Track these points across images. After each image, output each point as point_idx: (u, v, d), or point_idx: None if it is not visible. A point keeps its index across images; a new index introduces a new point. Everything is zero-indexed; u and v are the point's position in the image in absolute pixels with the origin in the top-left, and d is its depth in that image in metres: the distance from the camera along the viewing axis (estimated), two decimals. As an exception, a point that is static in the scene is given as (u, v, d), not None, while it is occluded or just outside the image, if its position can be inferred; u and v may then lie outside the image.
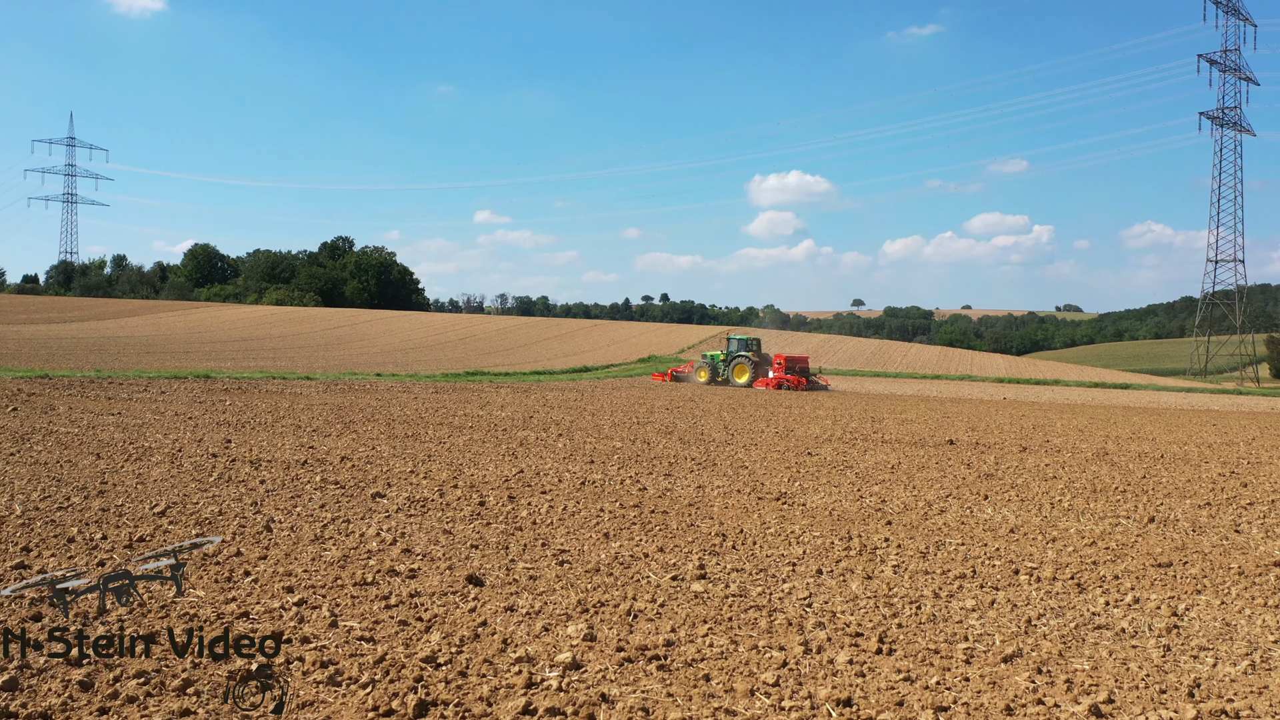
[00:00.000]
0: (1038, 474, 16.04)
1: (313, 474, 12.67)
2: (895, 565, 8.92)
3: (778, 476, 14.51)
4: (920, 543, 9.96)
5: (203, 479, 11.90)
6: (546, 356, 68.90)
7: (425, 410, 23.76)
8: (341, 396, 27.44)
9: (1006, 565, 9.06)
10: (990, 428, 25.88)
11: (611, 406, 28.52)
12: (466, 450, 16.07)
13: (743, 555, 9.07)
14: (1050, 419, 30.64)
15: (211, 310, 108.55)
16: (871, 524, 10.96)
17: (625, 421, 23.21)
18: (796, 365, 46.63)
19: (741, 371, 46.55)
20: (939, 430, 24.41)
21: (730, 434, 21.16)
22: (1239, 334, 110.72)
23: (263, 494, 11.10)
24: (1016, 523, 11.39)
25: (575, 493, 12.24)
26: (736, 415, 27.01)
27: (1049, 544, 10.17)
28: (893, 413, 31.09)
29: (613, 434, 20.03)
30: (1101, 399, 51.74)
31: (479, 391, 33.29)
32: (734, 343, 48.97)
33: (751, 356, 47.13)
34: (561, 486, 12.67)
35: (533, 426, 20.81)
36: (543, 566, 8.30)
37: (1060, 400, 47.88)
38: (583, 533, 9.77)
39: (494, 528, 9.79)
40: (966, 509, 12.25)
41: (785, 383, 44.31)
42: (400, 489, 11.88)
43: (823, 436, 21.30)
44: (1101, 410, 38.18)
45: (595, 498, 11.93)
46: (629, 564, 8.57)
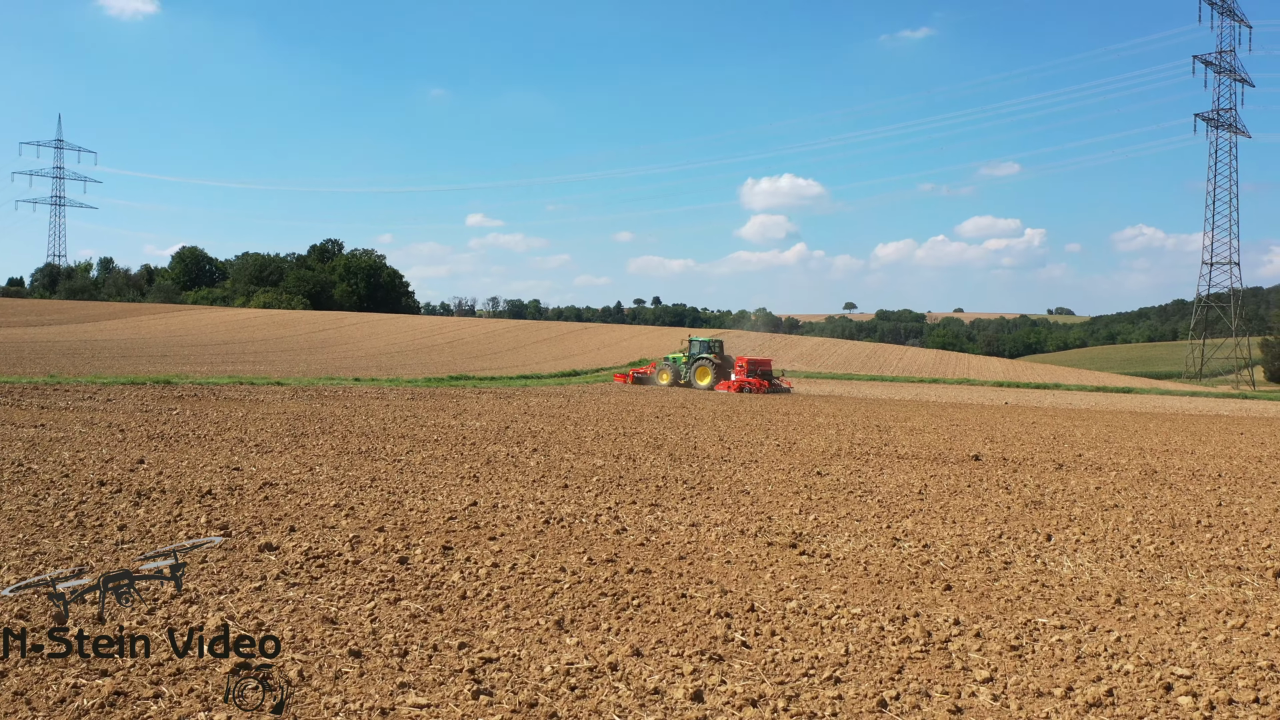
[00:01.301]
0: (1093, 501, 13.73)
1: (205, 512, 10.11)
2: (986, 679, 6.09)
3: (787, 506, 12.26)
4: (1003, 627, 7.24)
5: (62, 515, 9.56)
6: (535, 360, 66.83)
7: (393, 420, 21.69)
8: (307, 404, 25.36)
9: (1149, 677, 6.22)
10: (1009, 438, 23.89)
11: (597, 414, 26.48)
12: (421, 471, 13.96)
13: (756, 658, 6.34)
14: (1068, 428, 28.68)
15: (195, 313, 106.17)
16: (924, 587, 8.40)
17: (610, 433, 21.16)
18: (759, 368, 46.33)
19: (703, 374, 45.89)
20: (954, 441, 22.41)
21: (726, 447, 19.13)
22: (1234, 337, 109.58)
23: (111, 546, 8.49)
24: (1111, 582, 8.79)
25: (534, 538, 9.71)
26: (732, 425, 25.00)
27: (1178, 625, 7.52)
28: (898, 420, 29.11)
29: (595, 448, 17.98)
30: (1105, 403, 49.87)
31: (459, 397, 31.21)
32: (696, 345, 48.37)
33: (714, 359, 46.57)
34: (519, 527, 10.18)
35: (506, 439, 18.74)
36: (447, 699, 5.40)
37: (1064, 405, 45.98)
38: (528, 618, 6.95)
39: (400, 608, 7.05)
40: (1032, 557, 9.82)
41: (747, 385, 43.92)
42: (306, 533, 9.35)
43: (829, 450, 19.26)
44: (1113, 416, 36.25)
45: (558, 546, 9.36)
46: (585, 686, 5.68)
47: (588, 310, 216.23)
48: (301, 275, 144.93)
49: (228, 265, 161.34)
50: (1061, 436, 24.98)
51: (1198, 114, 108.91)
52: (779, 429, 24.17)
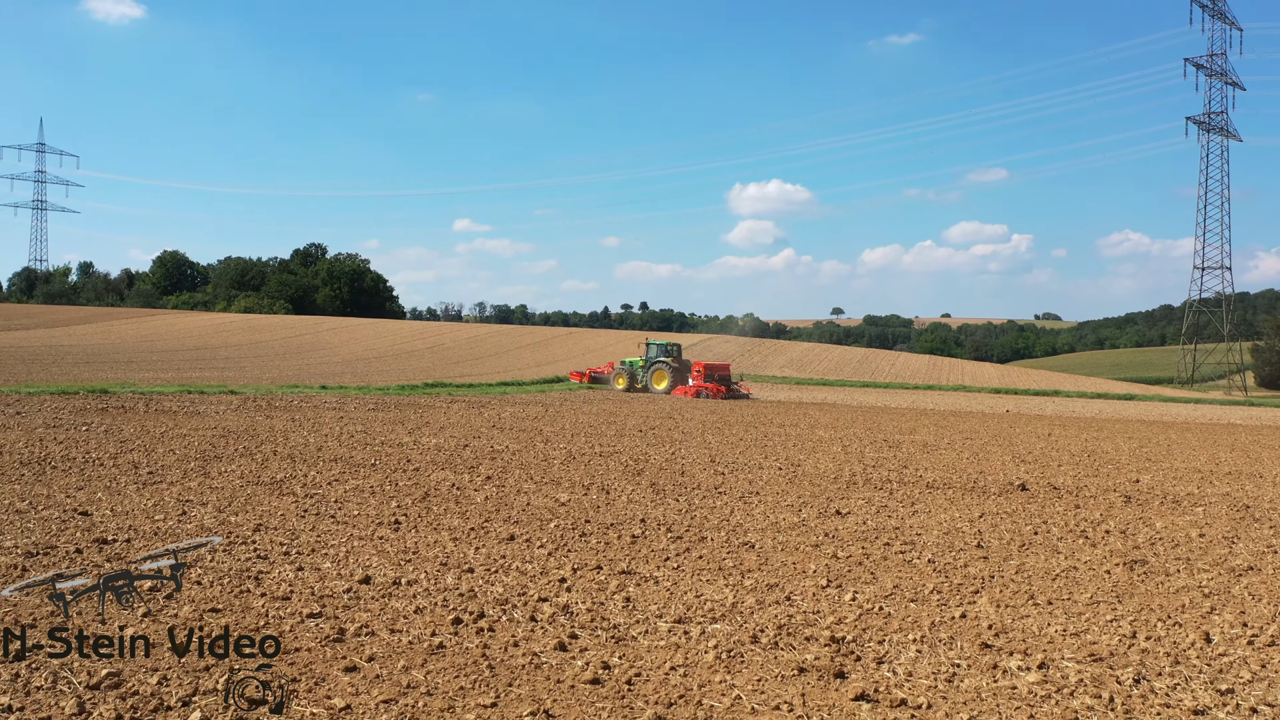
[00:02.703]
0: (1207, 557, 10.47)
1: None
2: None
3: (810, 574, 8.98)
4: None
5: None
6: (518, 366, 63.98)
7: (337, 436, 18.90)
8: (249, 417, 22.54)
9: None
10: (1039, 457, 21.23)
11: (574, 428, 23.73)
12: (330, 514, 11.07)
13: None
14: (1094, 442, 26.09)
15: (170, 318, 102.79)
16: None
17: (584, 452, 18.41)
18: (716, 373, 45.25)
19: (660, 378, 44.57)
20: (981, 462, 19.74)
21: (720, 472, 16.39)
22: (1226, 342, 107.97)
23: None
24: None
25: (422, 663, 6.10)
26: (724, 440, 22.28)
27: None
28: (904, 433, 26.47)
29: (563, 474, 15.20)
30: (1110, 411, 47.48)
31: (426, 408, 28.40)
32: (654, 349, 46.87)
33: (671, 363, 45.28)
34: (407, 637, 6.61)
35: (458, 464, 15.93)
36: None
37: (1068, 413, 43.53)
38: None
39: None
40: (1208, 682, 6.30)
41: (704, 390, 42.73)
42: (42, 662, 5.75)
43: (841, 475, 16.50)
44: (1132, 427, 33.73)
45: (454, 690, 5.68)
46: None
47: (574, 315, 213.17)
48: (284, 280, 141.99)
49: (209, 270, 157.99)
50: (1095, 454, 22.33)
51: (1189, 117, 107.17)
52: (777, 445, 21.45)
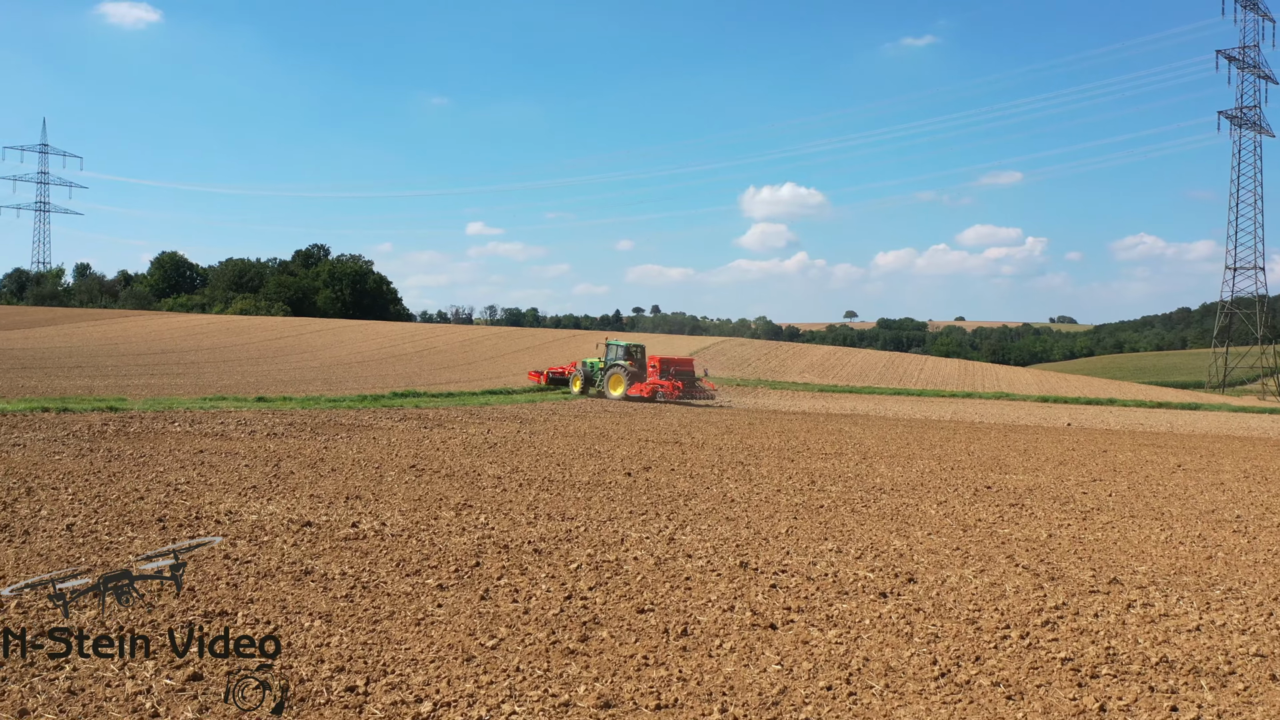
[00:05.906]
0: None
1: None
2: None
3: None
4: None
5: None
6: (512, 371, 58.00)
7: (187, 480, 13.05)
8: (121, 444, 16.76)
9: None
10: (1180, 504, 15.16)
11: (549, 457, 17.79)
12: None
13: None
14: (1215, 473, 19.97)
15: (146, 319, 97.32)
16: None
17: (553, 507, 12.43)
18: (673, 367, 41.61)
19: (616, 383, 41.21)
20: (1176, 531, 13.73)
21: (770, 586, 10.36)
22: (1259, 345, 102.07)
23: None
24: None
25: None
26: (755, 494, 16.29)
27: None
28: (991, 465, 20.43)
29: (513, 565, 9.25)
30: (1181, 424, 41.02)
31: (354, 429, 22.38)
32: (614, 349, 42.50)
33: (630, 366, 41.38)
34: None
35: (332, 557, 9.98)
36: None
37: (1137, 426, 37.41)
38: None
39: None
40: None
41: (660, 389, 39.68)
42: None
43: (1004, 603, 10.27)
44: (1231, 445, 27.57)
45: None
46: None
47: (585, 319, 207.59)
48: (283, 281, 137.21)
49: (209, 271, 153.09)
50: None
51: (1222, 111, 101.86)
52: (841, 505, 15.28)
